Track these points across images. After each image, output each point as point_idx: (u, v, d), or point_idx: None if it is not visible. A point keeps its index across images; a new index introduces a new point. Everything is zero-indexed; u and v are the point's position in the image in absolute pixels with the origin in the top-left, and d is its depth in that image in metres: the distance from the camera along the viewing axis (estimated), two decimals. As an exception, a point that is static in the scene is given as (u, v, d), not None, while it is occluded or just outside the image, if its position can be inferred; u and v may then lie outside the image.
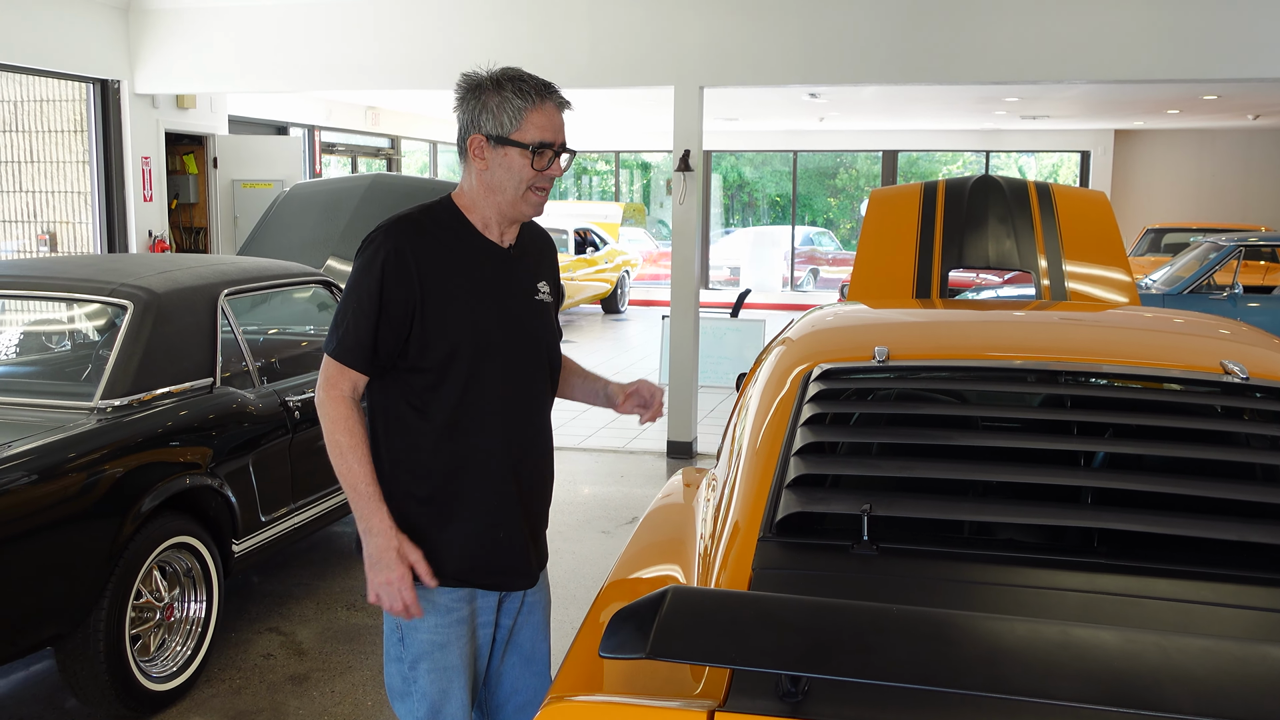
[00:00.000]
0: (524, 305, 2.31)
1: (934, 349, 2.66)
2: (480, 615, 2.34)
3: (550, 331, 2.37)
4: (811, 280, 21.13)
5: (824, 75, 7.30)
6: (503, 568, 2.31)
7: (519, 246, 2.33)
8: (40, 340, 5.26)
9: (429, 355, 2.19)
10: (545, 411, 2.39)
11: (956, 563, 1.91)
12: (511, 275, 2.30)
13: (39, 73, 7.89)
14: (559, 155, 2.25)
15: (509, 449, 2.27)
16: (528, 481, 2.34)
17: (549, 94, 2.24)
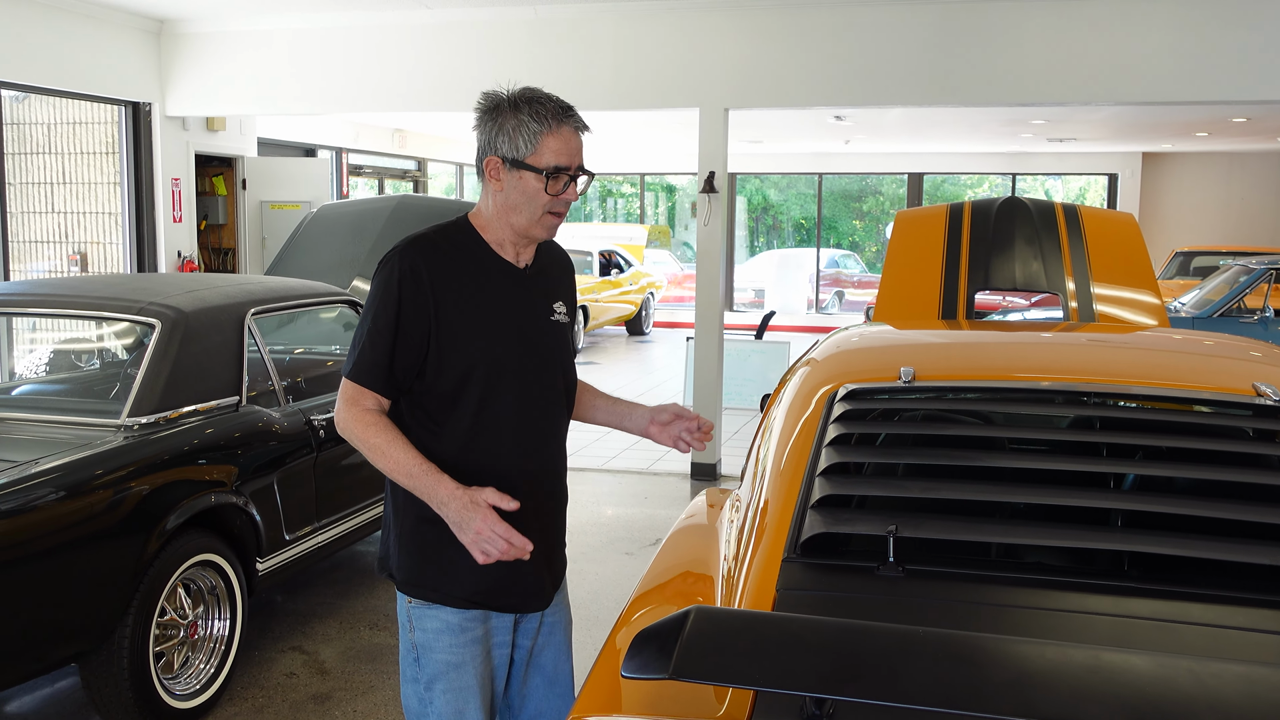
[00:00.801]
0: (539, 326, 2.30)
1: (960, 370, 2.64)
2: (495, 635, 2.33)
3: (565, 352, 2.36)
4: (837, 303, 21.08)
5: (849, 97, 7.30)
6: (516, 590, 2.29)
7: (535, 266, 2.32)
8: (69, 358, 5.31)
9: (444, 376, 2.19)
10: (560, 433, 2.37)
11: (984, 585, 1.88)
12: (526, 295, 2.29)
13: (73, 95, 7.99)
14: (575, 179, 2.24)
15: (522, 470, 2.25)
16: (542, 503, 2.31)
17: (566, 117, 2.23)
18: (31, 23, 7.32)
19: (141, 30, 8.21)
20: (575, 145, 2.24)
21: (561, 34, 7.60)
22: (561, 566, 2.44)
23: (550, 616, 2.42)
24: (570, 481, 2.48)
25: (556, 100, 2.26)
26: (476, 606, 2.26)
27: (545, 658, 2.44)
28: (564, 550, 2.46)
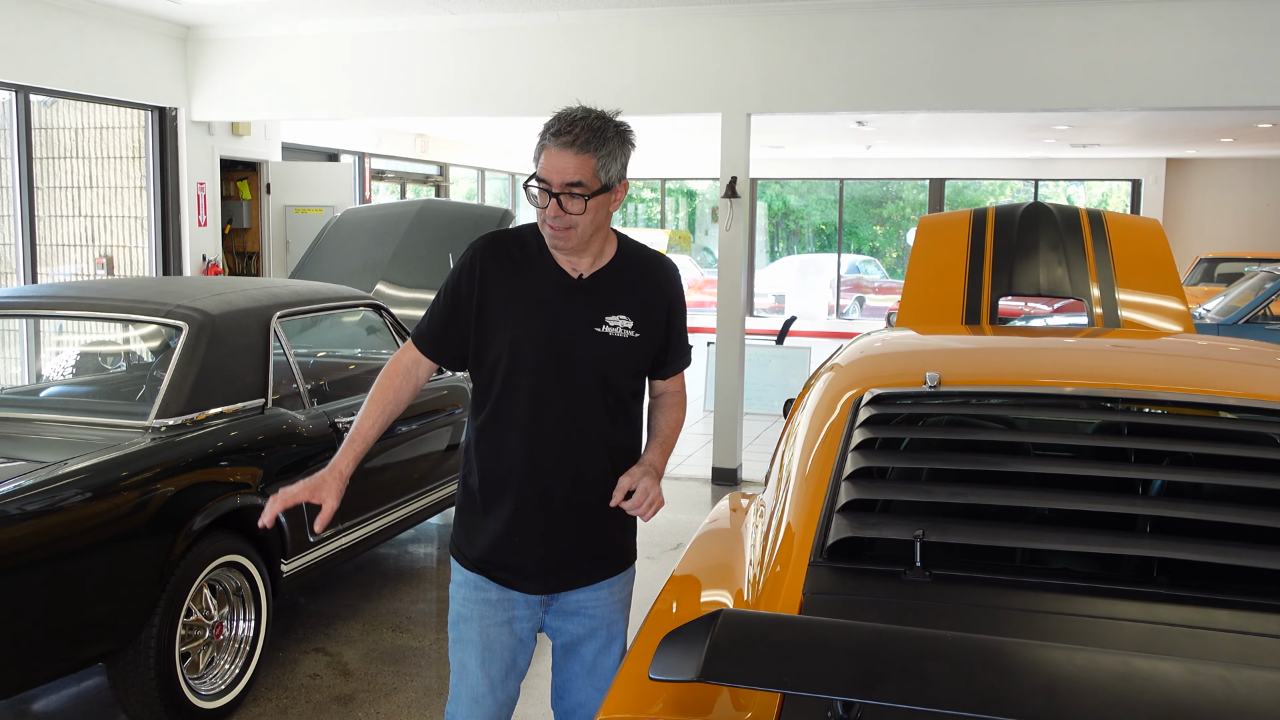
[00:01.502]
0: (578, 333, 2.36)
1: (986, 375, 2.63)
2: (516, 609, 2.45)
3: (611, 363, 2.40)
4: (857, 308, 21.03)
5: (872, 102, 7.29)
6: (511, 567, 2.43)
7: (598, 277, 2.40)
8: (97, 360, 5.36)
9: (480, 361, 2.41)
10: (587, 437, 2.40)
11: (1011, 590, 1.88)
12: (571, 303, 2.37)
13: (100, 100, 8.07)
14: (556, 197, 2.28)
15: (534, 465, 2.37)
16: (556, 500, 2.39)
17: (552, 134, 2.30)
18: (60, 29, 7.40)
19: (168, 36, 8.28)
20: (557, 162, 2.28)
21: (584, 39, 7.62)
22: (581, 565, 2.47)
23: (592, 607, 2.49)
24: None
25: (559, 118, 2.32)
26: (478, 572, 2.45)
27: (587, 648, 2.51)
28: (591, 550, 2.48)
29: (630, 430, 2.49)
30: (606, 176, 2.33)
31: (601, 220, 2.37)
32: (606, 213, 2.39)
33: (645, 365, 2.47)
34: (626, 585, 2.58)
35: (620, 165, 2.37)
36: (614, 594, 2.53)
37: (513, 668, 2.49)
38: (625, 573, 2.57)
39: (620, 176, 2.38)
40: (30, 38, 7.18)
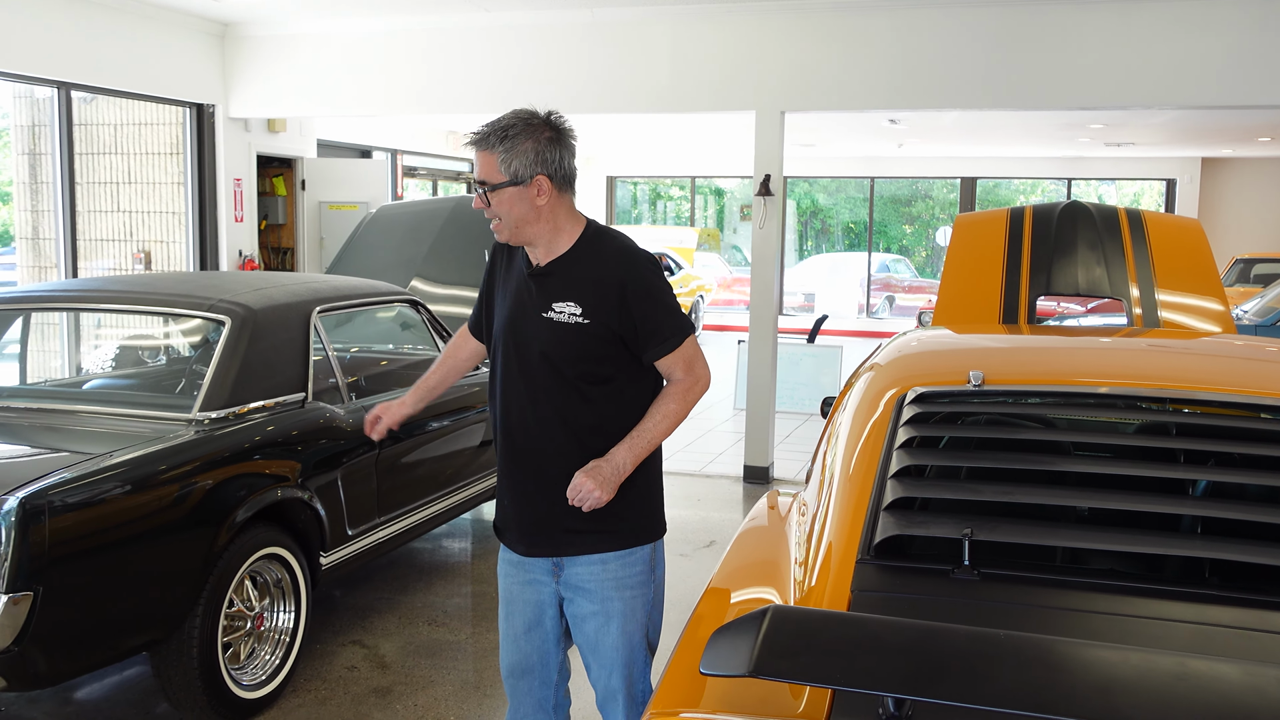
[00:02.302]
0: (528, 318, 2.61)
1: (1030, 374, 2.63)
2: (534, 571, 2.70)
3: (557, 345, 2.56)
4: (887, 307, 20.95)
5: (906, 100, 7.26)
6: (509, 528, 2.73)
7: (550, 267, 2.60)
8: (141, 354, 5.42)
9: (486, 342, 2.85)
10: (544, 415, 2.60)
11: (1060, 590, 1.88)
12: (526, 291, 2.62)
13: (140, 97, 8.15)
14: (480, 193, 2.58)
15: (508, 438, 2.67)
16: (527, 468, 2.65)
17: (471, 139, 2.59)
18: (100, 27, 7.48)
19: (206, 33, 8.36)
20: (476, 162, 2.57)
21: (618, 37, 7.63)
22: (557, 534, 2.62)
23: (587, 582, 2.63)
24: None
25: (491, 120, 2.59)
26: (498, 536, 2.78)
27: (588, 625, 2.66)
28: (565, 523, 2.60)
29: (597, 413, 2.59)
30: (510, 171, 2.49)
31: (524, 213, 2.53)
32: (530, 205, 2.52)
33: (605, 350, 2.56)
34: (625, 566, 2.63)
35: (529, 160, 2.49)
36: (608, 571, 2.62)
37: (537, 625, 2.71)
38: (621, 553, 2.63)
39: (532, 170, 2.50)
40: (71, 35, 7.27)
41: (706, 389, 2.66)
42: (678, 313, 2.60)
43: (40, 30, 7.04)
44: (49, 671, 3.13)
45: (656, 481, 2.74)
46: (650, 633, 2.71)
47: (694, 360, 2.62)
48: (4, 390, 4.24)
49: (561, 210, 2.58)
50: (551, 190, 2.54)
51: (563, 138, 2.56)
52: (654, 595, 2.71)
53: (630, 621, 2.64)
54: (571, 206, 2.63)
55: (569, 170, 2.58)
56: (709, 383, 2.66)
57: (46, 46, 7.10)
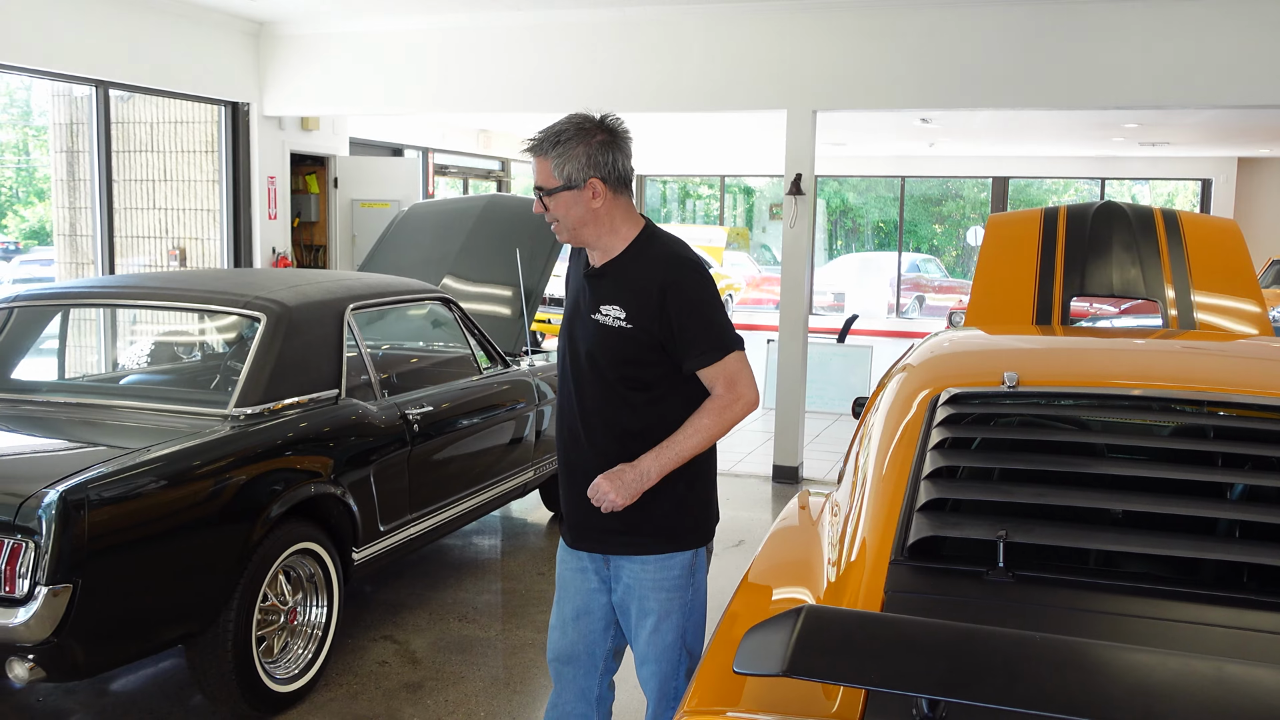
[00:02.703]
0: (581, 319, 2.65)
1: (1065, 375, 2.61)
2: (584, 559, 2.76)
3: (603, 347, 2.59)
4: (917, 307, 20.85)
5: (939, 99, 7.23)
6: (562, 516, 2.80)
7: (603, 270, 2.63)
8: (178, 350, 5.48)
9: None
10: (589, 416, 2.65)
11: (1095, 593, 1.87)
12: (582, 292, 2.68)
13: (176, 95, 8.24)
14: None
15: (562, 434, 2.74)
16: (574, 465, 2.71)
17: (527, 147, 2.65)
18: (138, 25, 7.57)
19: (241, 32, 8.44)
20: (535, 168, 2.62)
21: (650, 36, 7.64)
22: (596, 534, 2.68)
23: (628, 579, 2.68)
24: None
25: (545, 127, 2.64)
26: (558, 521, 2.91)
27: (628, 620, 2.72)
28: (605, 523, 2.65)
29: (639, 418, 2.60)
30: (563, 175, 2.55)
31: (580, 215, 2.58)
32: (586, 208, 2.57)
33: (646, 355, 2.57)
34: (663, 569, 2.65)
35: (581, 164, 2.54)
36: (646, 572, 2.66)
37: (585, 613, 2.75)
38: (660, 556, 2.65)
39: (584, 174, 2.55)
40: (109, 34, 7.36)
41: (749, 409, 2.60)
42: (720, 326, 2.57)
43: (79, 30, 7.13)
44: (87, 663, 3.18)
45: (702, 489, 2.73)
46: (688, 637, 2.70)
47: (736, 377, 2.57)
48: (44, 385, 4.30)
49: (618, 212, 2.61)
50: (606, 192, 2.57)
51: (617, 140, 2.60)
52: (693, 600, 2.70)
53: (665, 621, 2.66)
54: (628, 208, 2.64)
55: (623, 172, 2.60)
56: (752, 403, 2.60)
57: (85, 46, 7.19)
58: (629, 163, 2.63)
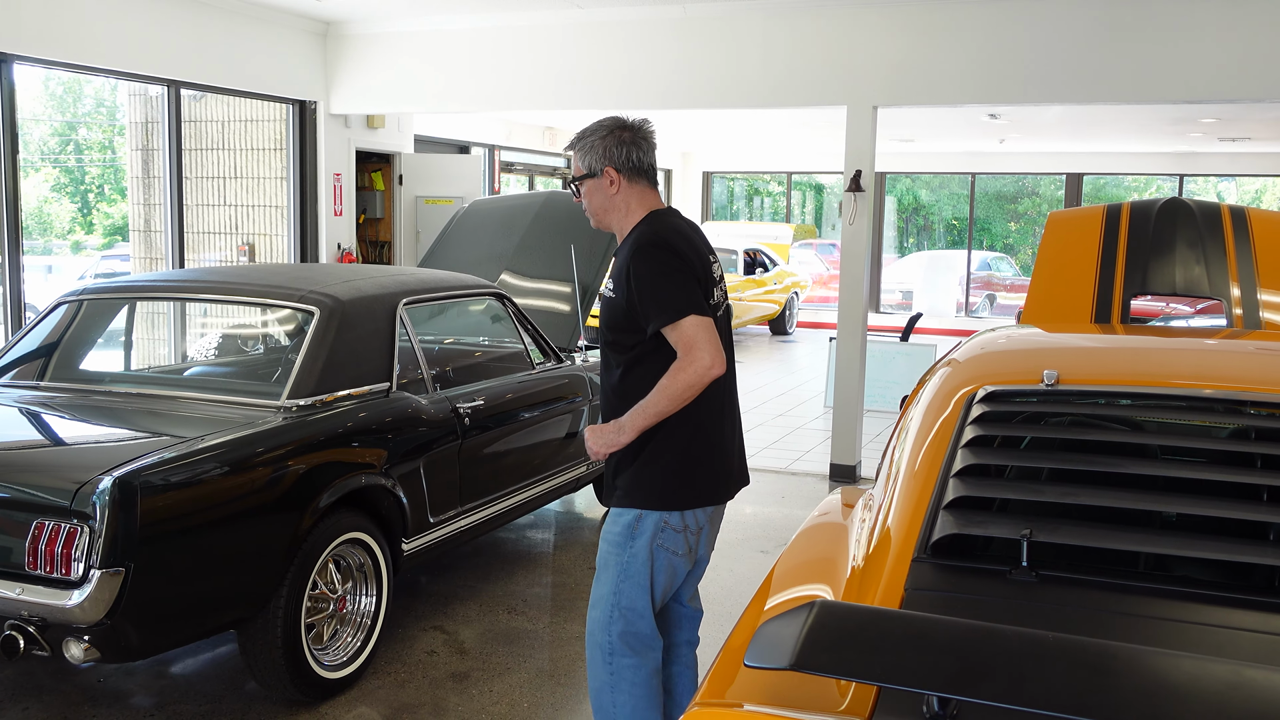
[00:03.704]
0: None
1: (1107, 375, 2.56)
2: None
3: (603, 316, 2.96)
4: (988, 306, 20.53)
5: (1004, 95, 7.11)
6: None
7: (617, 250, 2.99)
8: (234, 342, 5.61)
9: None
10: (610, 380, 3.00)
11: (1122, 595, 1.83)
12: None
13: (246, 94, 8.42)
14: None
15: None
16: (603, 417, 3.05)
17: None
18: (209, 26, 7.75)
19: (309, 32, 8.60)
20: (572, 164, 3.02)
21: (710, 32, 7.63)
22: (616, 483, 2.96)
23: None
24: None
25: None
26: None
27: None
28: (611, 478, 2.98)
29: (622, 381, 2.92)
30: (586, 165, 2.94)
31: (601, 201, 2.95)
32: (605, 194, 2.94)
33: (622, 321, 2.88)
34: (613, 522, 2.93)
35: (599, 154, 2.91)
36: (607, 522, 2.97)
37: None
38: (617, 510, 2.92)
39: (601, 163, 2.91)
40: (181, 35, 7.54)
41: (704, 371, 2.76)
42: (669, 294, 2.77)
43: (152, 31, 7.32)
44: (140, 645, 3.27)
45: (671, 459, 2.87)
46: (622, 598, 2.88)
47: (692, 343, 2.76)
48: (109, 375, 4.43)
49: (633, 197, 2.94)
50: (620, 179, 2.92)
51: (633, 134, 2.93)
52: (629, 562, 2.88)
53: (604, 572, 2.92)
54: (643, 194, 2.95)
55: (637, 162, 2.92)
56: (707, 366, 2.76)
57: (158, 46, 7.38)
58: (647, 156, 2.94)
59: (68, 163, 19.02)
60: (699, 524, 2.95)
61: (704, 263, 2.92)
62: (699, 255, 2.90)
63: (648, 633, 2.91)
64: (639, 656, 2.91)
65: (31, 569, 3.12)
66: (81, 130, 19.01)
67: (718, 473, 2.96)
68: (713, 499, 2.97)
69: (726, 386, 2.99)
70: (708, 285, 2.91)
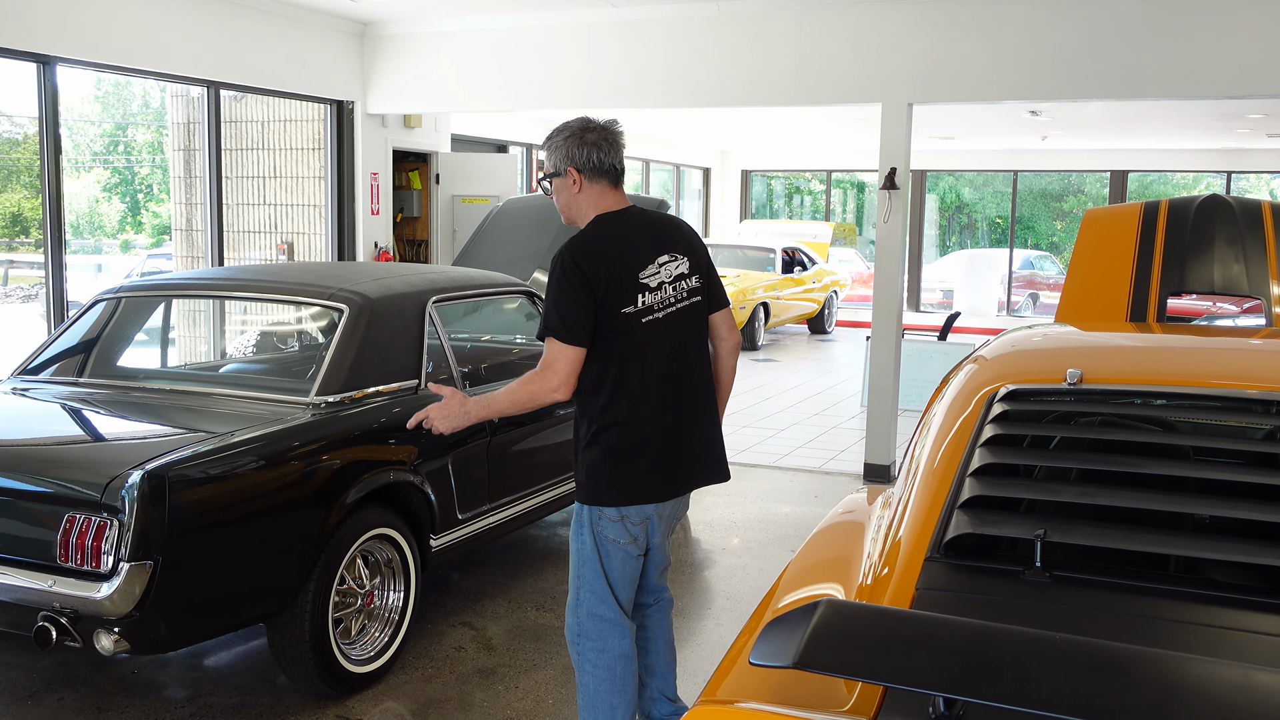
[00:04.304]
0: None
1: (1133, 374, 2.52)
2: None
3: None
4: (1030, 305, 20.30)
5: (1041, 90, 7.02)
6: None
7: None
8: (266, 339, 5.67)
9: None
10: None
11: (1137, 597, 1.80)
12: None
13: (285, 95, 8.51)
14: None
15: None
16: None
17: None
18: (247, 27, 7.84)
19: (346, 33, 8.67)
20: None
21: (743, 29, 7.60)
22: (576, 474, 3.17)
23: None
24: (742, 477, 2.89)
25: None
26: None
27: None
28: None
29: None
30: (551, 164, 3.08)
31: (566, 199, 3.09)
32: (569, 193, 3.07)
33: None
34: (574, 515, 3.15)
35: (562, 155, 3.04)
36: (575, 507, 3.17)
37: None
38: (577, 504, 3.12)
39: (564, 163, 3.04)
40: (220, 36, 7.64)
41: (544, 390, 2.96)
42: (549, 311, 2.95)
43: (192, 32, 7.42)
44: (169, 637, 3.31)
45: (599, 457, 3.02)
46: (581, 585, 3.11)
47: (549, 363, 2.95)
48: (144, 372, 4.50)
49: (592, 197, 3.07)
50: (581, 179, 3.05)
51: (597, 135, 3.04)
52: (580, 550, 3.10)
53: (571, 557, 3.15)
54: (602, 195, 3.07)
55: (598, 162, 3.03)
56: (547, 389, 2.95)
57: (198, 48, 7.48)
58: (609, 157, 3.04)
59: (118, 163, 19.34)
60: (642, 516, 3.05)
61: (625, 271, 2.98)
62: (619, 265, 2.97)
63: (609, 616, 3.08)
64: (601, 640, 3.08)
65: (63, 561, 3.18)
66: (131, 131, 19.32)
67: (657, 469, 3.03)
68: (648, 497, 3.04)
69: (679, 385, 3.06)
70: (630, 292, 2.97)
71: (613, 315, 2.95)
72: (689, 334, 3.10)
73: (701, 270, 3.16)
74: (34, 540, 3.25)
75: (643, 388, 2.99)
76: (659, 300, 3.02)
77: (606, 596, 3.07)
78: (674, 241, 3.11)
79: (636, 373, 2.99)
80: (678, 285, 3.07)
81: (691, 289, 3.11)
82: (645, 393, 2.99)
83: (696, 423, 3.12)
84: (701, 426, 3.13)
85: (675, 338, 3.04)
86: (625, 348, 2.98)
